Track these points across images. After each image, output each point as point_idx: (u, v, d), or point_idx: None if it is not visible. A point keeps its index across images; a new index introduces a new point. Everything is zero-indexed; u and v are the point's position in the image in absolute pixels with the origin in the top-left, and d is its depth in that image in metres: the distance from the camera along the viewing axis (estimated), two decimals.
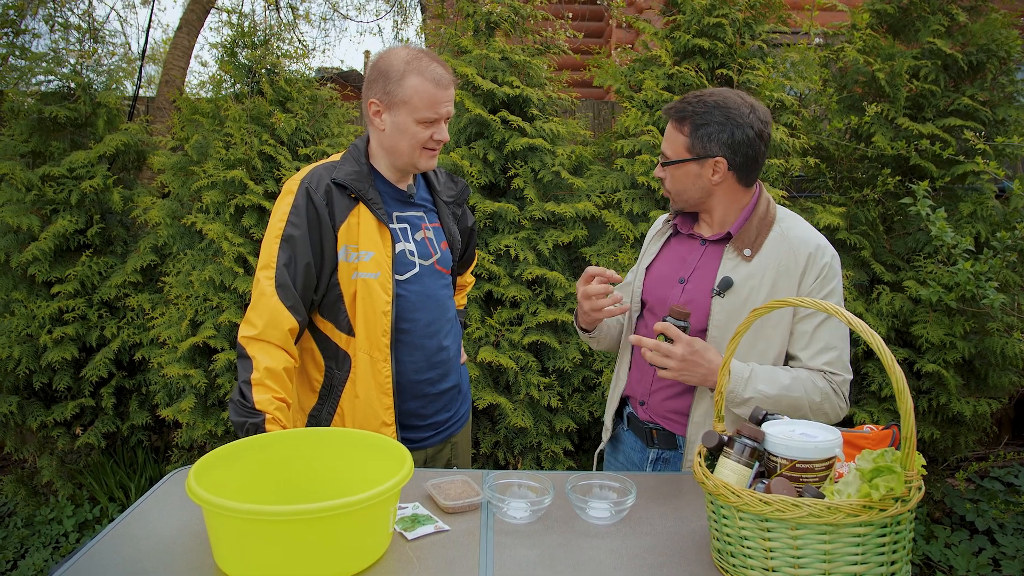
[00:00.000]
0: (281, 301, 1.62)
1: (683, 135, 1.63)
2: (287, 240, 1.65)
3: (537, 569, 1.22)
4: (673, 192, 1.69)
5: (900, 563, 1.11)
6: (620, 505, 1.40)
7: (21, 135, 3.51)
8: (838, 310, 1.13)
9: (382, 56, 1.71)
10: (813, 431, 1.26)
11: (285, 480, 1.39)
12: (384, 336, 1.71)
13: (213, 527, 1.17)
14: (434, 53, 1.75)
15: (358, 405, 1.72)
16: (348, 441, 1.42)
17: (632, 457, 1.83)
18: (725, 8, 3.16)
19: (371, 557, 1.20)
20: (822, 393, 1.58)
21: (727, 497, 1.13)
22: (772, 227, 1.64)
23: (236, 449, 1.35)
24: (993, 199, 3.22)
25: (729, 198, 1.66)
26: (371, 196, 1.71)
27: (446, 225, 1.90)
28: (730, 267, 1.63)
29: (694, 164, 1.63)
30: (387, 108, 1.69)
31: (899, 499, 1.06)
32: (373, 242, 1.70)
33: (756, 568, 1.13)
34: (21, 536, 3.33)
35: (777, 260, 1.61)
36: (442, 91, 1.68)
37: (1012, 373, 3.16)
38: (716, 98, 1.61)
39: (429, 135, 1.70)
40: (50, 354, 3.30)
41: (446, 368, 1.87)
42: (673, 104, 1.67)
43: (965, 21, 3.26)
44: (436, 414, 1.86)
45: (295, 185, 1.70)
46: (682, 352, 1.51)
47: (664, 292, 1.72)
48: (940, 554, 3.11)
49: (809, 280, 1.60)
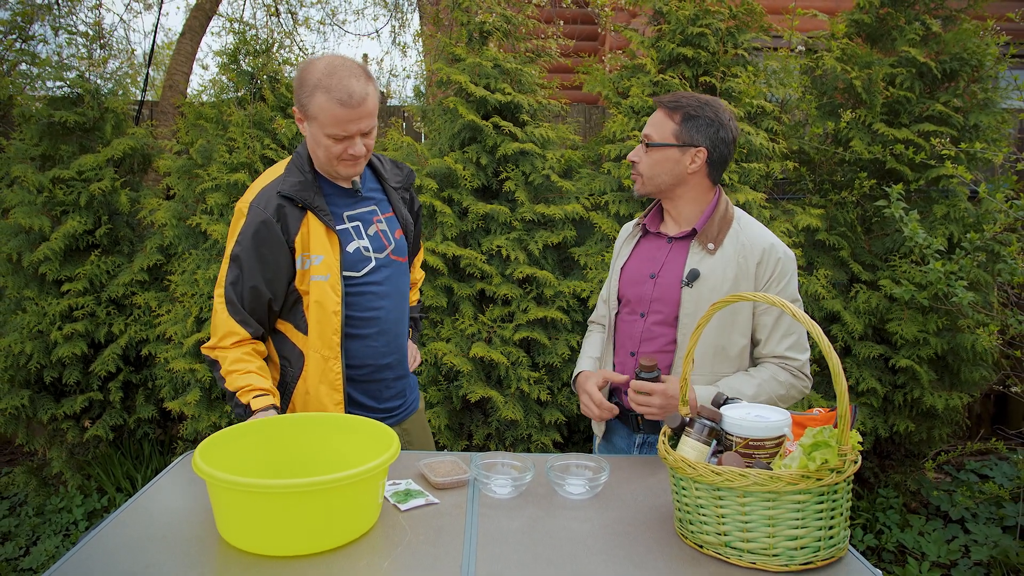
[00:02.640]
0: (231, 316, 1.72)
1: (673, 122, 1.78)
2: (234, 260, 1.72)
3: (517, 536, 1.36)
4: (646, 175, 1.82)
5: (837, 528, 1.24)
6: (595, 481, 1.53)
7: (32, 139, 3.65)
8: (785, 304, 1.26)
9: (305, 65, 1.73)
10: (766, 413, 1.40)
11: (283, 459, 1.53)
12: (335, 335, 1.79)
13: (217, 500, 1.30)
14: (357, 64, 1.71)
15: (309, 400, 1.82)
16: (341, 425, 1.57)
17: (619, 444, 1.97)
18: (708, 18, 3.29)
19: (362, 528, 1.33)
20: (786, 385, 1.76)
21: (685, 470, 1.27)
22: (731, 225, 1.80)
23: (237, 431, 1.49)
24: (965, 201, 3.36)
25: (695, 192, 1.81)
26: (317, 204, 1.75)
27: (399, 212, 1.95)
28: (696, 260, 1.78)
29: (676, 150, 1.77)
30: (304, 118, 1.73)
31: (834, 470, 1.19)
32: (322, 246, 1.75)
33: (711, 533, 1.27)
34: (33, 524, 3.47)
35: (736, 254, 1.76)
36: (349, 111, 1.65)
37: (983, 368, 3.30)
38: (707, 99, 1.80)
39: (342, 149, 1.71)
40: (60, 350, 3.44)
41: (402, 354, 1.98)
42: (667, 96, 1.82)
43: (939, 31, 3.40)
44: (390, 400, 1.96)
45: (245, 207, 1.73)
46: (660, 402, 1.69)
47: (638, 288, 1.87)
48: (914, 541, 3.25)
49: (765, 274, 1.76)
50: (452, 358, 3.08)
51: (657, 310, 1.82)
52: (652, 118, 1.83)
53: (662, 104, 1.81)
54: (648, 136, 1.81)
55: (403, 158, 3.43)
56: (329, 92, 1.64)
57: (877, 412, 3.30)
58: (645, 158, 1.82)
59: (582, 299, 3.25)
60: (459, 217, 3.30)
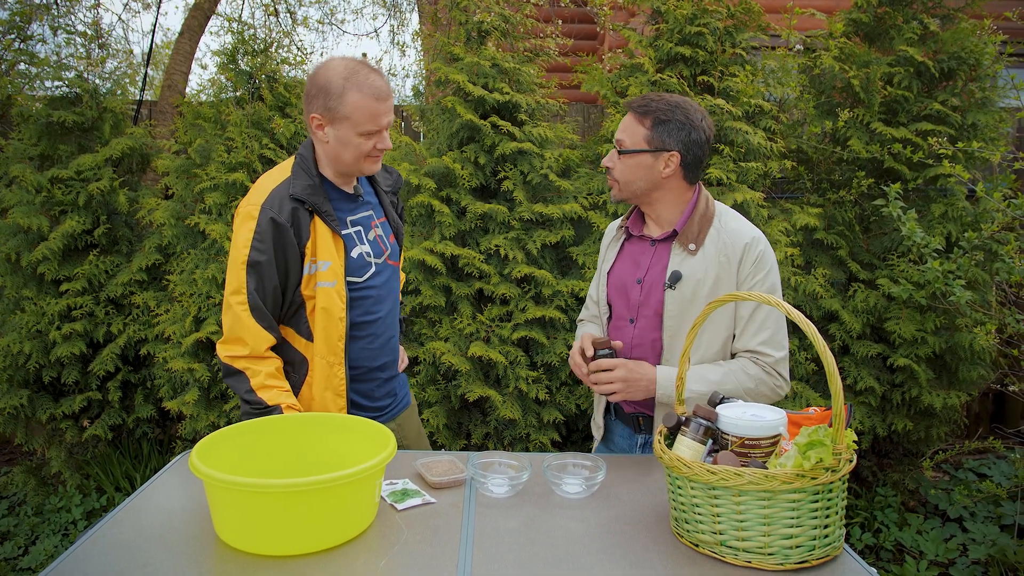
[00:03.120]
0: (258, 323, 1.70)
1: (644, 127, 1.75)
2: (253, 266, 1.69)
3: (514, 536, 1.36)
4: (621, 181, 1.80)
5: (833, 526, 1.25)
6: (591, 480, 1.54)
7: (30, 139, 3.65)
8: (780, 303, 1.27)
9: (320, 70, 1.74)
10: (762, 412, 1.40)
11: (280, 459, 1.54)
12: (340, 341, 1.80)
13: (214, 500, 1.30)
14: (370, 63, 1.77)
15: (313, 406, 1.82)
16: (338, 425, 1.57)
17: (620, 444, 1.97)
18: (706, 17, 3.30)
19: (359, 527, 1.34)
20: (755, 379, 1.73)
21: (680, 469, 1.27)
22: (712, 222, 1.79)
23: (235, 432, 1.48)
24: (963, 200, 3.36)
25: (673, 195, 1.80)
26: (325, 209, 1.76)
27: (391, 216, 1.98)
28: (678, 262, 1.77)
29: (649, 155, 1.76)
30: (329, 123, 1.73)
31: (829, 468, 1.20)
32: (329, 252, 1.76)
33: (706, 532, 1.27)
34: (32, 524, 3.47)
35: (717, 252, 1.75)
36: (381, 104, 1.71)
37: (981, 367, 3.31)
38: (677, 100, 1.77)
39: (372, 145, 1.75)
40: (59, 349, 3.44)
41: (395, 355, 2.00)
42: (636, 99, 1.79)
43: (937, 30, 3.40)
44: (383, 398, 1.97)
45: (255, 210, 1.71)
46: (622, 374, 1.70)
47: (625, 294, 1.87)
48: (912, 540, 3.25)
49: (746, 268, 1.75)
50: (450, 357, 3.08)
51: (645, 315, 1.81)
52: (623, 123, 1.80)
53: (632, 108, 1.78)
54: (620, 142, 1.79)
55: (402, 157, 3.43)
56: (361, 89, 1.69)
57: (875, 411, 3.31)
58: (619, 164, 1.80)
59: (580, 298, 3.25)
60: (457, 216, 3.30)
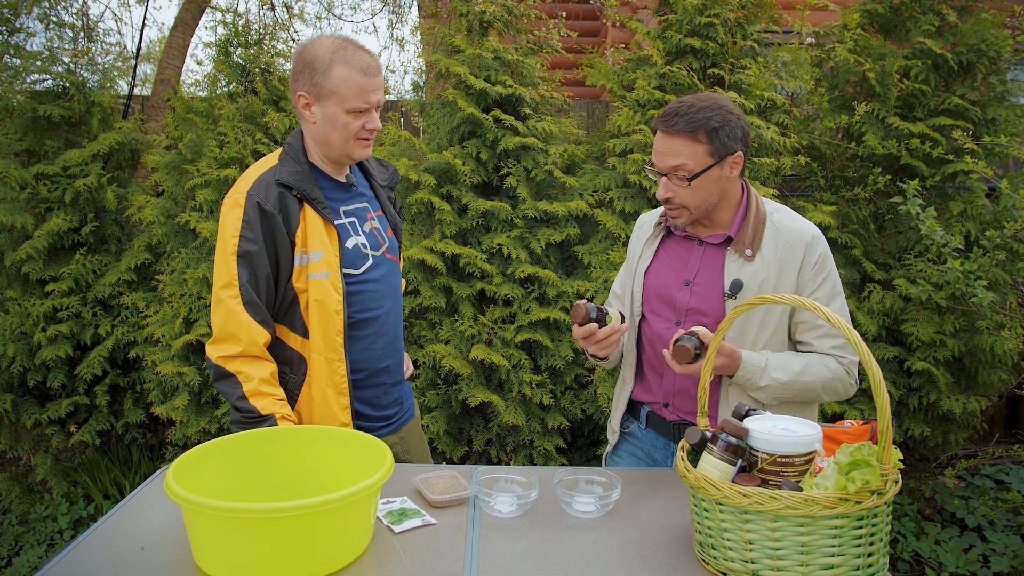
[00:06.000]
0: (252, 317, 1.60)
1: (700, 143, 1.61)
2: (244, 256, 1.61)
3: (522, 561, 1.24)
4: (692, 206, 1.66)
5: (877, 555, 1.13)
6: (605, 499, 1.41)
7: (15, 134, 3.52)
8: (817, 307, 1.15)
9: (307, 47, 1.68)
10: (794, 426, 1.28)
11: (267, 477, 1.40)
12: (338, 336, 1.70)
13: (192, 525, 1.17)
14: (358, 41, 1.71)
15: (315, 407, 1.71)
16: (330, 438, 1.44)
17: (654, 455, 1.84)
18: (717, 8, 3.17)
19: (352, 554, 1.21)
20: (833, 373, 1.65)
21: (708, 490, 1.15)
22: (765, 224, 1.69)
23: (218, 447, 1.35)
24: (983, 198, 3.24)
25: (729, 194, 1.70)
26: (315, 195, 1.68)
27: (387, 211, 1.90)
28: (735, 269, 1.66)
29: (716, 168, 1.64)
30: (316, 100, 1.67)
31: (875, 492, 1.08)
32: (321, 242, 1.68)
33: (736, 560, 1.15)
34: (16, 533, 3.34)
35: (776, 255, 1.65)
36: (370, 79, 1.65)
37: (1002, 371, 3.19)
38: (711, 101, 1.63)
39: (361, 124, 1.68)
40: (44, 352, 3.31)
41: (399, 357, 1.90)
42: (675, 120, 1.62)
43: (955, 21, 3.28)
44: (389, 406, 1.87)
45: (241, 198, 1.64)
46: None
47: (670, 294, 1.75)
48: (930, 551, 3.13)
49: (808, 269, 1.65)
50: (451, 361, 2.96)
51: (696, 320, 1.70)
52: (672, 147, 1.62)
53: (676, 131, 1.61)
54: (682, 168, 1.62)
55: (400, 153, 3.31)
56: (348, 63, 1.64)
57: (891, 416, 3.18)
58: (683, 191, 1.64)
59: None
60: (458, 214, 3.18)
